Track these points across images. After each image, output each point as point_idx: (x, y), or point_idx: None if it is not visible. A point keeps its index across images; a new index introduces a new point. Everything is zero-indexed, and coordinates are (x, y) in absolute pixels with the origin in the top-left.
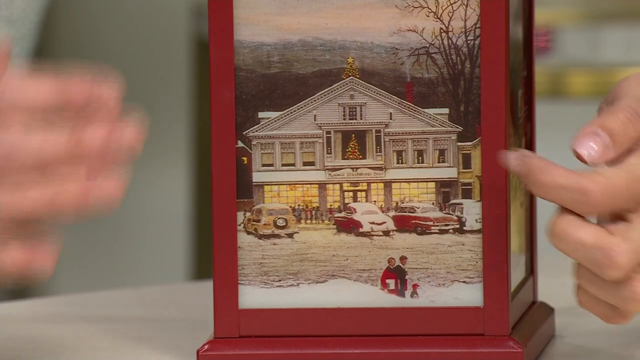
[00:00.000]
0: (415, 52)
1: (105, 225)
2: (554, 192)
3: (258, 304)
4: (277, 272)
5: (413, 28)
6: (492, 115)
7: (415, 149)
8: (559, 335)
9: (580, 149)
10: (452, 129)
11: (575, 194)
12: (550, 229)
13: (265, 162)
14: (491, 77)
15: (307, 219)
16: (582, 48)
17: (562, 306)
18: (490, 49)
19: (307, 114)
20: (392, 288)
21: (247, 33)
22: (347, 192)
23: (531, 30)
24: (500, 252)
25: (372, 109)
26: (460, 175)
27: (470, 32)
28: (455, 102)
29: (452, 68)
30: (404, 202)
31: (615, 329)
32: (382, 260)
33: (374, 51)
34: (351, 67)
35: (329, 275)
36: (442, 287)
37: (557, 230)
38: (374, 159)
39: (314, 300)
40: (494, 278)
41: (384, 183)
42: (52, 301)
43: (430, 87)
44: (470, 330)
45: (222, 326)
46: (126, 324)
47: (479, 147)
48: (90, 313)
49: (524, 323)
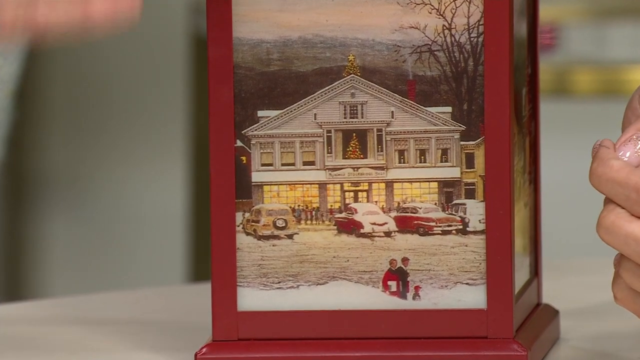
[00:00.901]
0: (418, 50)
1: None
2: (608, 185)
3: (257, 306)
4: (276, 274)
5: (415, 25)
6: (495, 114)
7: (417, 148)
8: (564, 338)
9: (621, 153)
10: (455, 127)
11: (629, 191)
12: (599, 221)
13: (265, 162)
14: (495, 75)
15: (307, 220)
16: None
17: (567, 308)
18: (493, 46)
19: (307, 113)
20: (394, 290)
21: (246, 30)
22: (348, 192)
23: (535, 27)
24: (504, 253)
25: (373, 108)
26: (463, 175)
27: (473, 29)
28: (458, 101)
29: (455, 66)
30: (405, 202)
31: (622, 332)
32: (383, 261)
33: (375, 48)
34: (352, 65)
35: (329, 277)
36: (445, 289)
37: (607, 223)
38: (376, 159)
39: (314, 303)
40: (498, 280)
41: (386, 183)
42: (47, 303)
43: (433, 85)
44: (474, 333)
45: (220, 329)
46: (122, 327)
47: (482, 147)
48: (86, 315)
49: (529, 326)
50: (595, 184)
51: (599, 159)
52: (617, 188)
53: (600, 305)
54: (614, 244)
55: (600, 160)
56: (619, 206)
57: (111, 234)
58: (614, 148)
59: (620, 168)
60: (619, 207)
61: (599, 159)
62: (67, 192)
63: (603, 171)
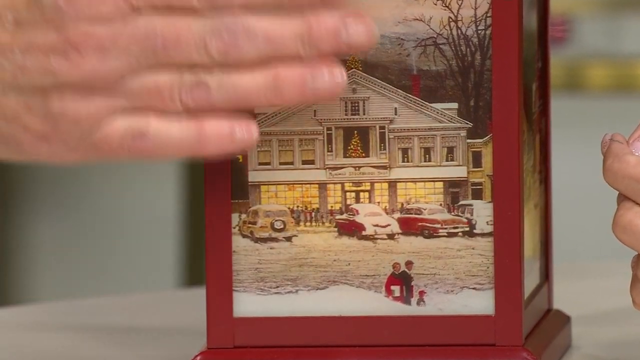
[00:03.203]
0: (422, 43)
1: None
2: (625, 182)
3: (254, 312)
4: (274, 278)
5: (419, 17)
6: (504, 111)
7: (421, 146)
8: (576, 345)
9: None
10: (462, 125)
11: None
12: (615, 220)
13: (262, 161)
14: (503, 69)
15: (306, 221)
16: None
17: (579, 314)
18: (502, 39)
19: (307, 109)
20: (397, 295)
21: None
22: (349, 193)
23: (546, 19)
24: (512, 256)
25: (375, 104)
26: (470, 175)
27: (480, 22)
28: (465, 97)
29: (461, 60)
30: (409, 203)
31: (635, 339)
32: (386, 265)
33: (377, 42)
34: (353, 59)
35: (329, 281)
36: (451, 294)
37: (624, 222)
38: (378, 157)
39: (314, 308)
40: (506, 284)
41: (389, 183)
42: (35, 309)
43: (438, 80)
44: (481, 340)
45: (215, 336)
46: (113, 334)
47: (490, 145)
48: (76, 321)
49: (538, 332)
50: (611, 181)
51: (614, 154)
52: (634, 185)
53: (614, 311)
54: (631, 243)
55: (616, 156)
56: (636, 204)
57: (100, 236)
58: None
59: (637, 164)
60: (636, 205)
61: (614, 154)
62: (57, 195)
63: (619, 167)
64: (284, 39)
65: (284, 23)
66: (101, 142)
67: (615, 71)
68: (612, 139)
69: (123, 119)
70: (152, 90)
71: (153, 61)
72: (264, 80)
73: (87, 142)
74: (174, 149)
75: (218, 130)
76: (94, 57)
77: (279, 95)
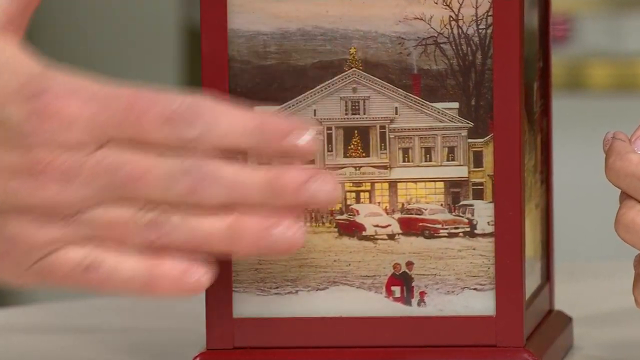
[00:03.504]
0: (423, 42)
1: None
2: (627, 180)
3: (254, 313)
4: (274, 279)
5: (420, 16)
6: (505, 110)
7: (422, 146)
8: (577, 346)
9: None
10: (462, 124)
11: None
12: (617, 219)
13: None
14: (504, 68)
15: (306, 222)
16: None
17: (581, 315)
18: (503, 38)
19: (307, 109)
20: (398, 296)
21: (242, 21)
22: (350, 193)
23: (548, 18)
24: (513, 257)
25: (376, 103)
26: (471, 175)
27: (481, 21)
28: (466, 96)
29: (462, 59)
30: (410, 203)
31: (637, 340)
32: (387, 265)
33: (378, 41)
34: (354, 58)
35: (330, 281)
36: (452, 294)
37: (626, 221)
38: (378, 157)
39: (314, 309)
40: (507, 285)
41: (389, 183)
42: (30, 310)
43: (439, 79)
44: (482, 341)
45: (214, 337)
46: (110, 335)
47: (491, 144)
48: (71, 323)
49: (540, 333)
50: (613, 179)
51: (616, 152)
52: (636, 183)
53: (616, 311)
54: (634, 242)
55: (618, 154)
56: (638, 202)
57: None
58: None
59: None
60: (639, 203)
61: (616, 152)
62: None
63: (622, 165)
64: (249, 188)
65: (250, 172)
66: (51, 269)
67: (616, 70)
68: (615, 137)
69: (77, 250)
70: (112, 223)
71: (115, 195)
72: (223, 227)
73: (37, 267)
74: (123, 286)
75: (170, 272)
76: (57, 184)
77: (236, 244)
